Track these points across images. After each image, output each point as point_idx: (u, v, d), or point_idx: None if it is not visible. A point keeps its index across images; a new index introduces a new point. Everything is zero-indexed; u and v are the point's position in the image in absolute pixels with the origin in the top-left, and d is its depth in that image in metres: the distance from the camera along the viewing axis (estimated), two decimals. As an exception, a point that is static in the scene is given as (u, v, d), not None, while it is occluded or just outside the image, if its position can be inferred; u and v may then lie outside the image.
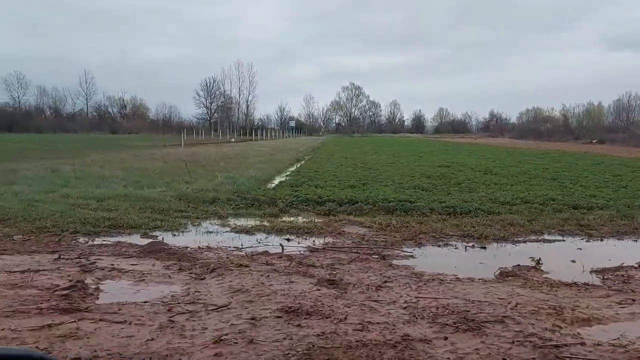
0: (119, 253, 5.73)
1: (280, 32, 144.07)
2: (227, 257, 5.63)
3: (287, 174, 16.39)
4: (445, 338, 2.99)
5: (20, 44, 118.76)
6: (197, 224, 7.85)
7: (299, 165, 20.35)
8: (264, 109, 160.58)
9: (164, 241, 6.53)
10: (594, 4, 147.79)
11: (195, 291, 4.15)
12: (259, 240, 6.76)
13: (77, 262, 5.07)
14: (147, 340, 3.02)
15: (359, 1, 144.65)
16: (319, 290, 4.11)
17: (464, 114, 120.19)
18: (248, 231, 7.32)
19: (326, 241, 6.66)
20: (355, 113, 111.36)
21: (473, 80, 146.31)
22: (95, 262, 5.07)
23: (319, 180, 13.03)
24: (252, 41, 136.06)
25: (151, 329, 3.20)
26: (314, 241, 6.65)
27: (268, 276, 4.64)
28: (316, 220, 8.08)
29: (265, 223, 7.91)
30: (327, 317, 3.40)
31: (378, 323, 3.33)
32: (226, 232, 7.35)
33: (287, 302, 3.73)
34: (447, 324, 3.22)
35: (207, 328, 3.21)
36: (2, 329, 3.10)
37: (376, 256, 5.79)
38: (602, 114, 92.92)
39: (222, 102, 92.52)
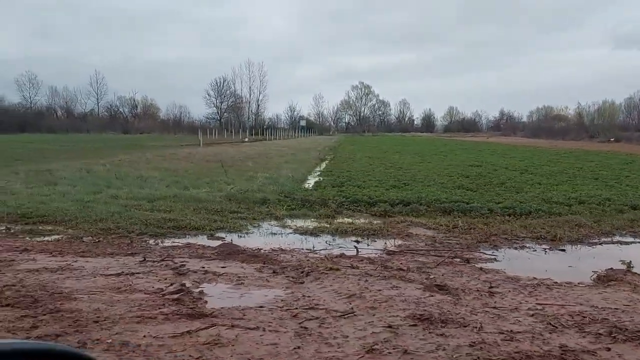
0: (197, 255, 5.65)
1: (287, 32, 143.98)
2: (308, 260, 5.53)
3: (318, 173, 16.30)
4: (608, 349, 2.87)
5: (30, 45, 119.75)
6: (256, 225, 7.76)
7: (325, 165, 20.24)
8: (272, 109, 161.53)
9: (233, 243, 6.45)
10: (600, 2, 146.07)
11: (303, 295, 4.04)
12: (328, 242, 6.66)
13: (165, 265, 4.99)
14: (295, 348, 2.92)
15: (368, 0, 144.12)
16: (432, 296, 3.99)
17: (473, 112, 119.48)
18: (312, 233, 7.21)
19: (397, 243, 6.54)
20: (365, 112, 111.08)
21: (482, 79, 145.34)
22: (184, 265, 4.99)
23: (358, 180, 12.90)
24: (258, 41, 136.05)
25: (290, 336, 3.10)
26: (385, 243, 6.53)
27: (366, 280, 4.52)
28: (374, 222, 7.97)
29: (325, 224, 7.80)
30: (465, 326, 3.28)
31: (520, 332, 3.21)
32: (290, 233, 7.26)
33: (411, 309, 3.61)
34: (599, 334, 3.09)
35: (347, 336, 3.10)
36: (144, 336, 3.01)
37: (459, 259, 5.66)
38: (615, 112, 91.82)
39: (232, 101, 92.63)
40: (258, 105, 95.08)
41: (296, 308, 3.68)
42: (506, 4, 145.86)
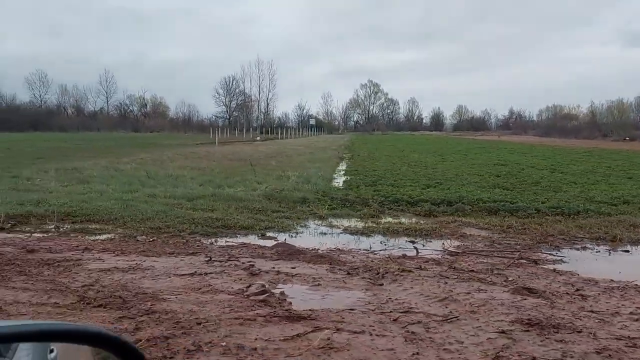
0: (259, 255, 5.56)
1: (294, 30, 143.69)
2: (371, 260, 5.44)
3: (343, 172, 16.18)
4: None
5: (40, 43, 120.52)
6: (302, 225, 7.67)
7: (346, 164, 20.10)
8: (279, 107, 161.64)
9: (288, 242, 6.37)
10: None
11: (389, 298, 3.94)
12: (382, 243, 6.56)
13: (234, 265, 4.91)
14: (414, 354, 2.82)
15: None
16: (525, 299, 3.88)
17: (482, 111, 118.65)
18: (362, 232, 7.11)
19: (454, 244, 6.42)
20: (374, 111, 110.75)
21: (490, 78, 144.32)
22: (253, 265, 4.91)
23: (388, 179, 12.78)
24: (265, 40, 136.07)
25: (401, 341, 3.01)
26: (442, 244, 6.42)
27: (446, 283, 4.42)
28: (422, 222, 7.86)
29: (372, 224, 7.70)
30: (578, 332, 3.17)
31: (637, 338, 3.09)
32: (340, 233, 7.16)
33: (513, 313, 3.51)
34: None
35: (462, 342, 3.00)
36: (255, 339, 2.93)
37: (525, 261, 5.54)
38: (625, 110, 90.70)
39: (241, 100, 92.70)
40: (267, 104, 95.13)
41: (390, 311, 3.58)
42: (514, 1, 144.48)
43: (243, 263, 5.02)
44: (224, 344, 2.84)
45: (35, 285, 4.13)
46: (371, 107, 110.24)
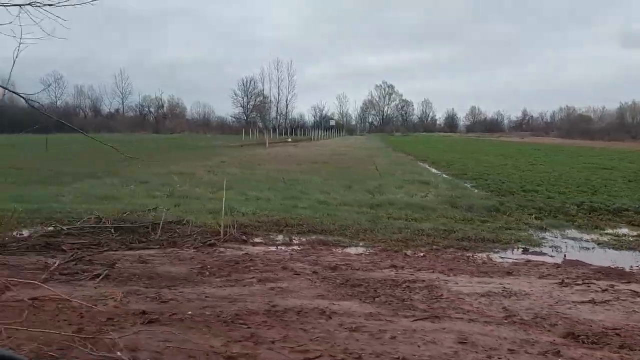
0: (579, 275, 5.03)
1: (300, 31, 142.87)
2: None
3: (454, 176, 15.31)
4: None
5: (52, 44, 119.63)
6: (544, 237, 6.96)
7: (437, 167, 19.14)
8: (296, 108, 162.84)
9: (579, 260, 5.81)
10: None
11: None
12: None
13: (601, 289, 4.38)
14: None
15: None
16: None
17: (495, 112, 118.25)
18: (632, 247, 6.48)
19: None
20: (388, 112, 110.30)
21: (500, 78, 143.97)
22: (615, 287, 4.38)
23: (517, 183, 12.27)
24: (272, 40, 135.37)
25: None
26: None
27: None
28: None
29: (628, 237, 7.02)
30: None
31: None
32: (607, 247, 6.52)
33: None
34: None
35: None
36: None
37: None
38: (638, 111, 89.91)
39: (259, 101, 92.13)
40: (287, 105, 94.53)
41: None
42: (519, 2, 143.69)
43: (599, 286, 4.48)
44: None
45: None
46: (385, 108, 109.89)
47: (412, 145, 42.02)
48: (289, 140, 51.61)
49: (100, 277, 4.43)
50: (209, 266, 5.00)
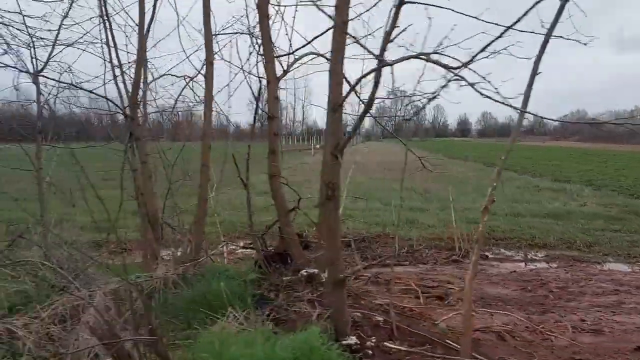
0: None
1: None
2: None
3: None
4: None
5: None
6: None
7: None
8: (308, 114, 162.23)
9: None
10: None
11: None
12: None
13: None
14: None
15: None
16: None
17: (506, 117, 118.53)
18: None
19: None
20: (400, 118, 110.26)
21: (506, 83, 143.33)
22: None
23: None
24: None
25: None
26: None
27: None
28: None
29: None
30: None
31: None
32: None
33: None
34: None
35: None
36: None
37: None
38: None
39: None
40: (304, 111, 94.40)
41: None
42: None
43: None
44: None
45: None
46: (398, 114, 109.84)
47: (464, 151, 41.64)
48: (318, 146, 51.23)
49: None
50: (531, 288, 4.82)
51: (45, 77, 4.68)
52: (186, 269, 4.11)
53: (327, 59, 3.84)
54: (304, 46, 4.85)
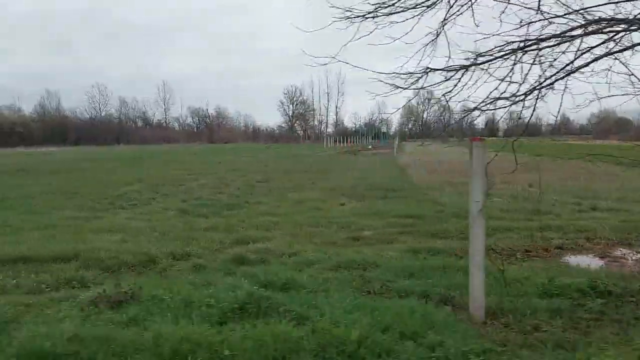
0: None
1: (300, 39, 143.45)
2: None
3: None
4: None
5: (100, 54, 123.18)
6: None
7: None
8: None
9: None
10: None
11: None
12: None
13: None
14: None
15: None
16: None
17: (534, 116, 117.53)
18: None
19: None
20: (427, 118, 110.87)
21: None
22: None
23: None
24: (270, 50, 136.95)
25: None
26: None
27: None
28: None
29: None
30: None
31: None
32: None
33: None
34: None
35: None
36: None
37: None
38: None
39: (304, 109, 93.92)
40: (337, 112, 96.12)
41: None
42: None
43: None
44: None
45: None
46: (424, 115, 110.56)
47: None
48: (370, 147, 51.73)
49: None
50: None
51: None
52: None
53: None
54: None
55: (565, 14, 3.44)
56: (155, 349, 2.97)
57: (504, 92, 3.64)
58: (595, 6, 3.40)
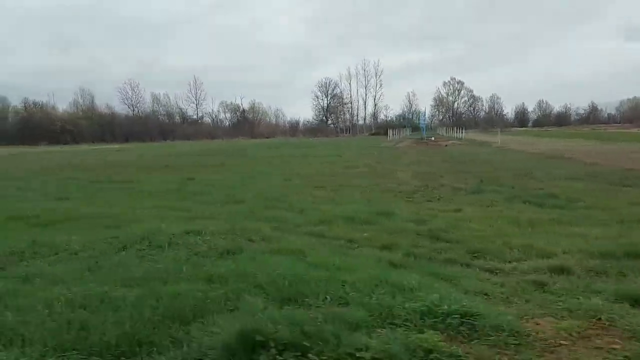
0: None
1: (305, 33, 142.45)
2: None
3: None
4: None
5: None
6: None
7: None
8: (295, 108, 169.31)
9: None
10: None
11: None
12: None
13: None
14: None
15: None
16: None
17: (562, 105, 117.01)
18: None
19: None
20: (457, 108, 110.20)
21: (544, 69, 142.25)
22: None
23: None
24: (276, 45, 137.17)
25: None
26: None
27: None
28: None
29: None
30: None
31: None
32: None
33: None
34: None
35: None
36: None
37: None
38: None
39: (337, 102, 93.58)
40: (375, 104, 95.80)
41: None
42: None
43: None
44: None
45: None
46: (455, 105, 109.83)
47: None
48: (432, 138, 49.54)
49: None
50: None
51: None
52: None
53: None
54: None
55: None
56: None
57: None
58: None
